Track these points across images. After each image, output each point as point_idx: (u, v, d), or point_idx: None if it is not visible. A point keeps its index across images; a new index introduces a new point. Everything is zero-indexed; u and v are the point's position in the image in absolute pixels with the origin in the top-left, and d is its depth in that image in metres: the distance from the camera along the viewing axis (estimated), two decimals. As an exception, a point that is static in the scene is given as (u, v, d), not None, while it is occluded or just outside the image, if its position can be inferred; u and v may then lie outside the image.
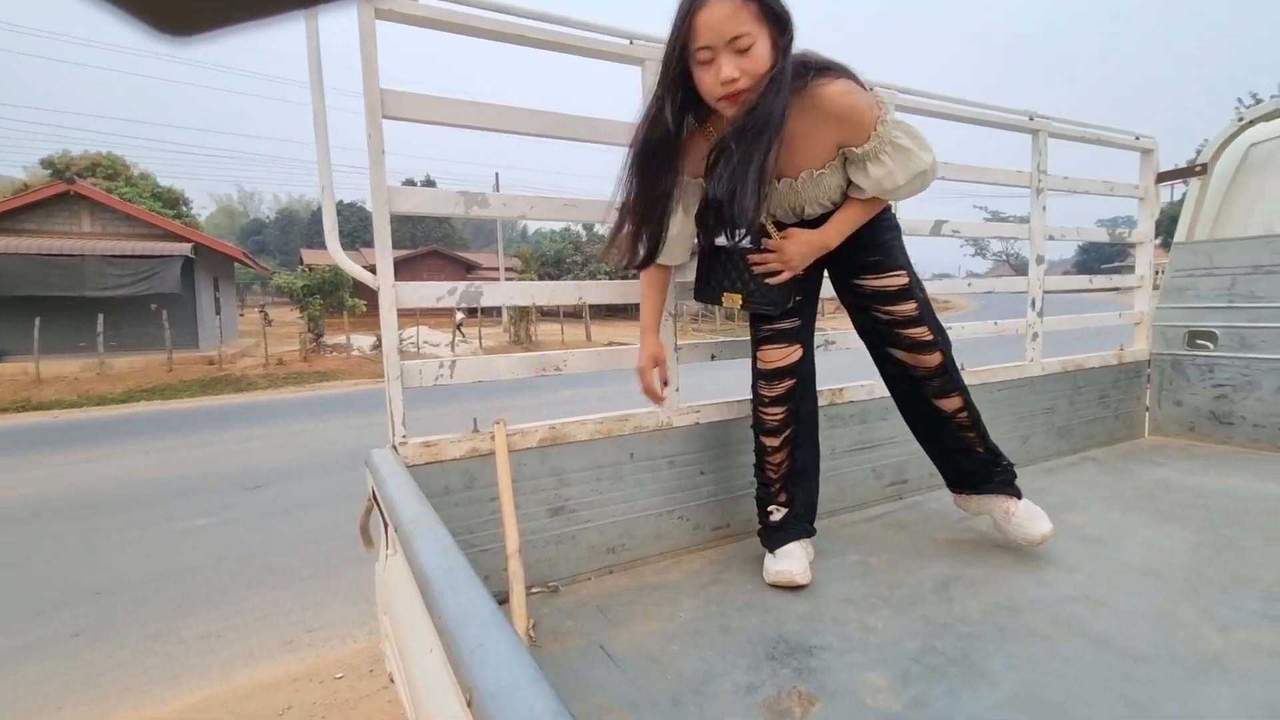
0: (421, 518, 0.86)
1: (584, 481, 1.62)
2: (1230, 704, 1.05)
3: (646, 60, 1.62)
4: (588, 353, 1.64)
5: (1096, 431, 2.76)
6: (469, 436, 1.46)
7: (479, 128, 1.42)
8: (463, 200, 1.41)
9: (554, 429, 1.56)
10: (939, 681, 1.14)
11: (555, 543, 1.58)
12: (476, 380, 1.49)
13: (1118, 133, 2.71)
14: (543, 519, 1.57)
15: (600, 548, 1.64)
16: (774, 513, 1.62)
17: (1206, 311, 2.76)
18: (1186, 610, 1.35)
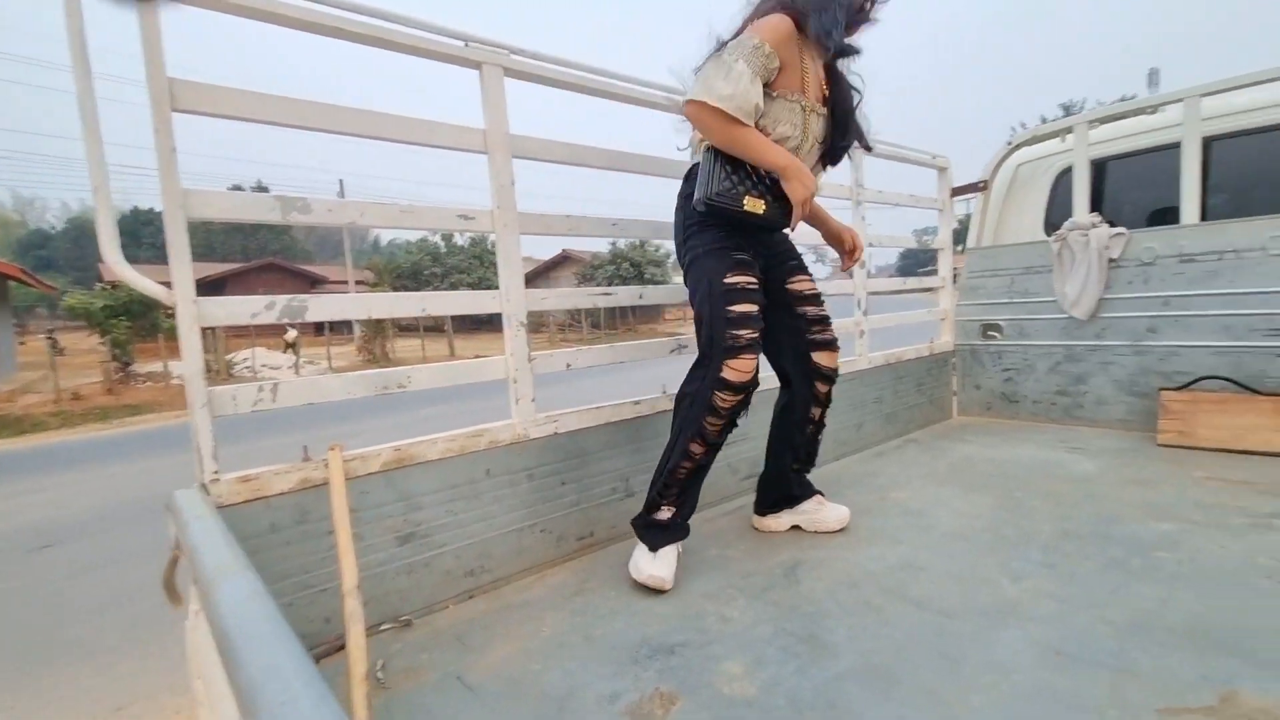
0: (227, 564, 0.75)
1: (437, 504, 1.53)
2: (1022, 645, 1.21)
3: (484, 64, 1.58)
4: (435, 367, 1.56)
5: (916, 416, 3.11)
6: (299, 467, 1.32)
7: (294, 126, 1.29)
8: (278, 205, 1.28)
9: (399, 451, 1.46)
10: (789, 661, 1.21)
11: (407, 572, 1.48)
12: (305, 403, 1.35)
13: (919, 152, 3.09)
14: (391, 548, 1.46)
15: (458, 572, 1.56)
16: (663, 513, 1.62)
17: (994, 307, 3.22)
18: (987, 566, 1.55)
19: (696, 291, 1.63)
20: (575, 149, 1.78)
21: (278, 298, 1.29)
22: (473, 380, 1.62)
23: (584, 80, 1.79)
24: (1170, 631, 1.22)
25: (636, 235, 2.02)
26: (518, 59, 1.63)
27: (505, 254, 1.63)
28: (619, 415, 1.89)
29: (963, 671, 1.14)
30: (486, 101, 1.59)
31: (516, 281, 1.64)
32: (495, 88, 1.59)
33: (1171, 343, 2.69)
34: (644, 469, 1.95)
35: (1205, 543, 1.61)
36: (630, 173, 2.01)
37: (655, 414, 1.99)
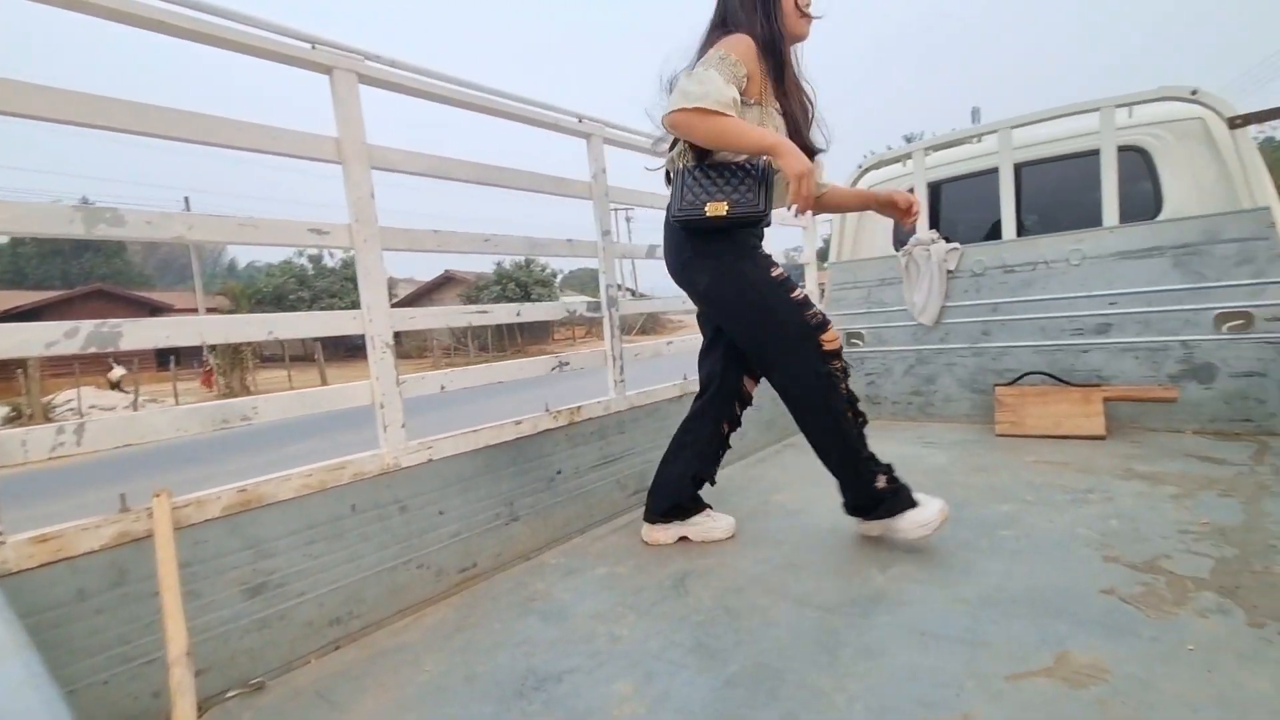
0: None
1: (293, 548, 1.38)
2: (891, 629, 1.29)
3: (335, 69, 1.48)
4: (288, 396, 1.41)
5: (792, 421, 3.26)
6: (114, 519, 1.13)
7: (101, 127, 1.13)
8: (80, 217, 1.10)
9: (245, 492, 1.30)
10: (679, 673, 1.20)
11: (258, 629, 1.31)
12: (123, 445, 1.17)
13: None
14: (238, 603, 1.29)
15: (320, 622, 1.41)
16: (882, 481, 1.69)
17: (855, 316, 3.48)
18: (860, 559, 1.64)
19: (745, 295, 1.67)
20: (441, 161, 1.71)
21: (82, 323, 1.11)
22: (333, 408, 1.49)
23: (445, 90, 1.72)
24: (1014, 602, 1.35)
25: (512, 251, 1.97)
26: (373, 65, 1.54)
27: (366, 270, 1.52)
28: (500, 437, 1.82)
29: (840, 661, 1.18)
30: (339, 108, 1.49)
31: (379, 299, 1.54)
32: (348, 94, 1.49)
33: (1001, 344, 3.03)
34: (529, 490, 1.89)
35: (1037, 519, 1.80)
36: (505, 188, 1.96)
37: (539, 433, 1.93)
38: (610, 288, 2.22)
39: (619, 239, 2.48)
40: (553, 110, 2.07)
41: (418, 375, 1.64)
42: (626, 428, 2.25)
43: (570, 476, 2.03)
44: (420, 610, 1.57)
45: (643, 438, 2.32)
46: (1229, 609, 1.24)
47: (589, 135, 2.16)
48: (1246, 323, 2.50)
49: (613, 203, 2.27)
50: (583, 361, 2.19)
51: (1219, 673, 1.05)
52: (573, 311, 2.15)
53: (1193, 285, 2.59)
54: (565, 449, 2.02)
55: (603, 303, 2.21)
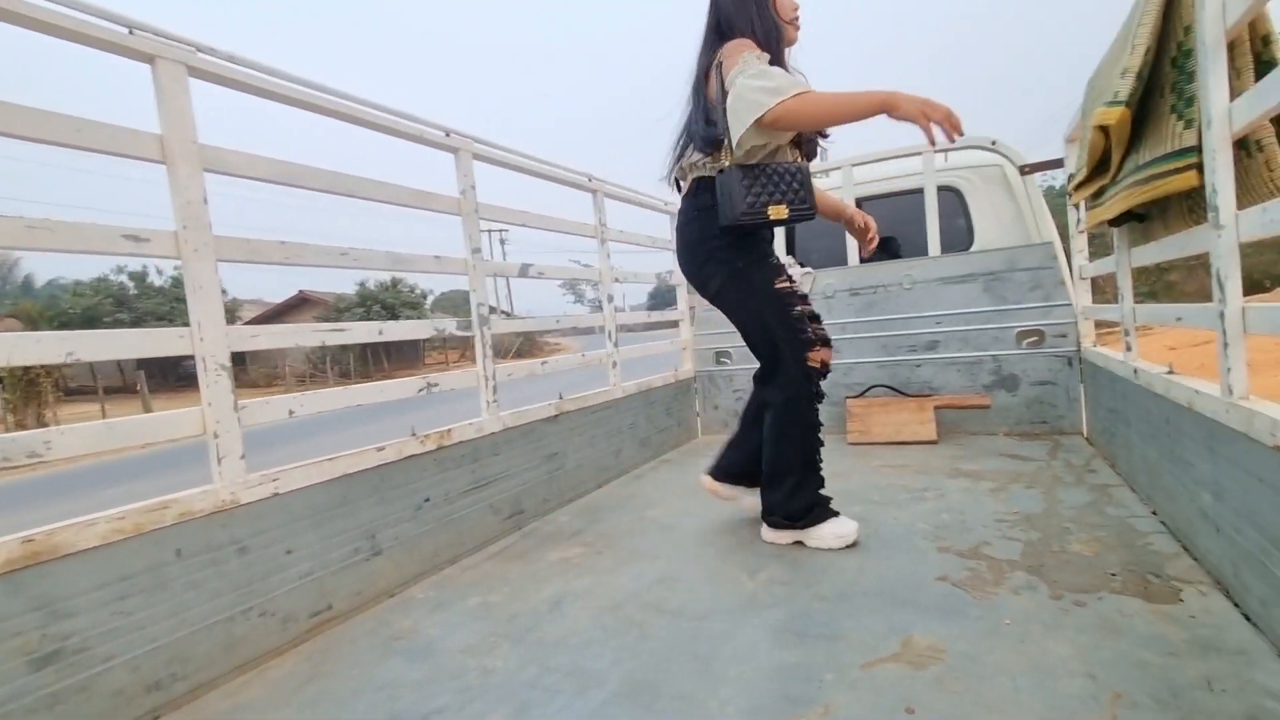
0: None
1: (99, 605, 1.17)
2: (761, 632, 1.34)
3: (158, 58, 1.32)
4: (92, 428, 1.22)
5: (667, 438, 3.35)
6: None
7: None
8: None
9: (33, 543, 1.09)
10: (554, 700, 1.16)
11: (48, 706, 1.10)
12: None
13: (651, 198, 3.40)
14: (21, 677, 1.07)
15: (135, 689, 1.21)
16: (823, 493, 1.84)
17: (723, 336, 3.65)
18: (730, 567, 1.70)
19: (746, 304, 1.80)
20: (288, 167, 1.57)
21: None
22: (153, 440, 1.31)
23: (292, 92, 1.60)
24: (865, 595, 1.46)
25: (374, 266, 1.85)
26: (206, 58, 1.40)
27: (196, 284, 1.35)
28: (360, 464, 1.69)
29: (713, 669, 1.21)
30: (163, 102, 1.33)
31: (213, 315, 1.38)
32: (175, 87, 1.34)
33: (851, 360, 3.32)
34: (393, 521, 1.76)
35: (884, 518, 1.97)
36: (363, 199, 1.85)
37: (404, 459, 1.82)
38: (482, 306, 2.16)
39: (493, 288, 2.43)
40: (418, 122, 2.00)
41: (260, 400, 1.49)
42: (501, 450, 2.19)
43: (439, 504, 1.93)
44: (263, 664, 1.40)
45: (517, 460, 2.26)
46: (1036, 585, 1.43)
47: (456, 150, 2.10)
48: (1040, 339, 2.94)
49: (485, 220, 2.22)
50: (453, 383, 2.10)
51: (1030, 642, 1.21)
52: (441, 330, 2.06)
53: (999, 307, 3.01)
54: (434, 474, 1.92)
55: (474, 322, 2.14)
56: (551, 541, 2.06)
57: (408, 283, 30.04)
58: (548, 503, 2.40)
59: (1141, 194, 1.53)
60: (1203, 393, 1.37)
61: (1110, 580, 1.42)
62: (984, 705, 1.03)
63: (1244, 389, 1.22)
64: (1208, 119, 1.22)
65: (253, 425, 1.45)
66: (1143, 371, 1.84)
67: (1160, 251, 1.75)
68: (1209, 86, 1.21)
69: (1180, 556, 1.50)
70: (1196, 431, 1.42)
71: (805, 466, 1.83)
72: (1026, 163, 3.03)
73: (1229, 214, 1.20)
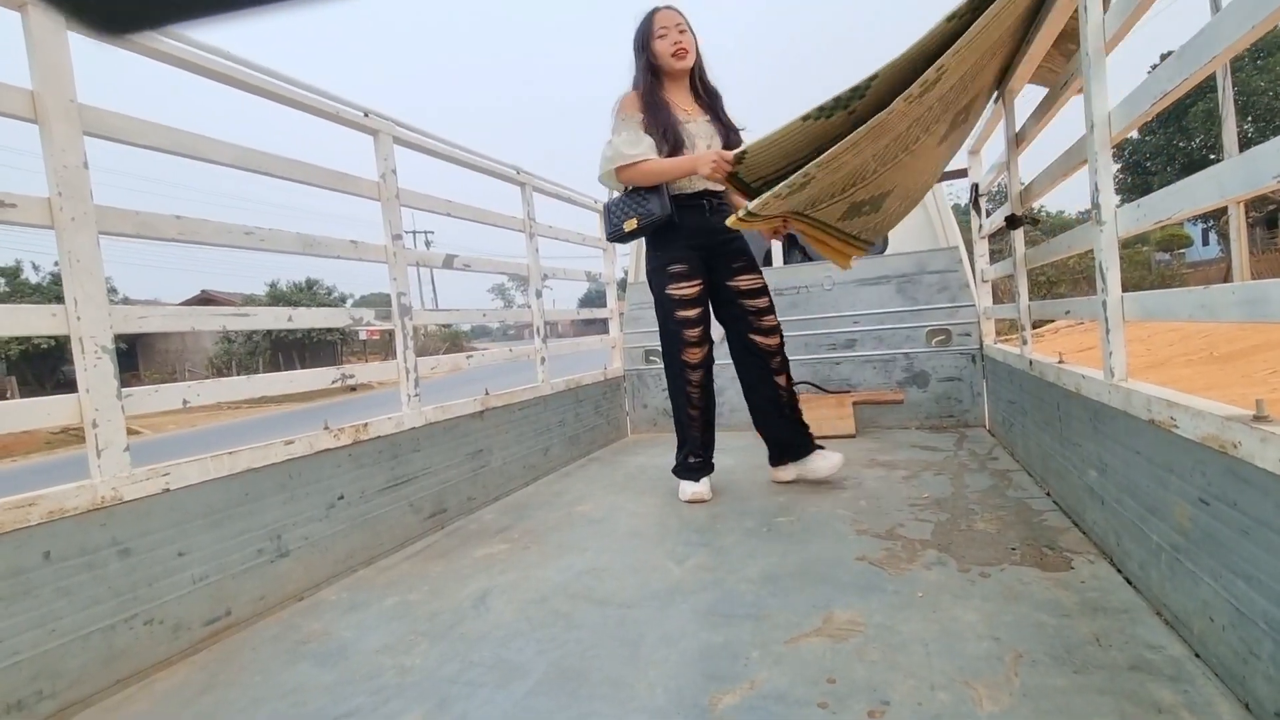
0: None
1: (-55, 615, 1.03)
2: (687, 616, 1.34)
3: (28, 4, 1.19)
4: (-59, 414, 1.07)
5: (597, 436, 3.33)
6: None
7: None
8: None
9: None
10: (477, 693, 1.12)
11: (-123, 733, 0.95)
12: None
13: (581, 195, 3.39)
14: None
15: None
16: (691, 459, 2.26)
17: (653, 334, 3.66)
18: (658, 556, 1.70)
19: (653, 299, 2.26)
20: (185, 136, 1.45)
21: None
22: (20, 428, 1.16)
23: (195, 58, 1.49)
24: (789, 577, 1.49)
25: (282, 248, 1.73)
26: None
27: (72, 257, 1.22)
28: (266, 459, 1.57)
29: (640, 653, 1.20)
30: (35, 54, 1.19)
31: (92, 293, 1.25)
32: (50, 40, 1.21)
33: None
34: (303, 520, 1.65)
35: (806, 505, 2.03)
36: (273, 177, 1.74)
37: (316, 454, 1.71)
38: (403, 296, 2.07)
39: (417, 290, 2.33)
40: (335, 101, 1.90)
41: (148, 388, 1.36)
42: (422, 446, 2.10)
43: (354, 502, 1.82)
44: (150, 676, 1.27)
45: (440, 456, 2.18)
46: (945, 560, 1.51)
47: (376, 132, 2.01)
48: (947, 338, 3.13)
49: (406, 206, 2.13)
50: (371, 374, 2.00)
51: (941, 611, 1.27)
52: (359, 319, 1.96)
53: (910, 308, 3.18)
54: (349, 471, 1.82)
55: (394, 311, 2.05)
56: (476, 539, 1.99)
57: (325, 285, 28.60)
58: (472, 501, 2.32)
59: (813, 232, 1.90)
60: (1088, 377, 1.49)
61: (1011, 554, 1.51)
62: (900, 670, 1.07)
63: (1123, 372, 1.34)
64: (1090, 123, 1.34)
65: (143, 414, 1.32)
66: (1037, 363, 1.98)
67: (1050, 251, 1.89)
68: (1092, 93, 1.33)
69: (1071, 530, 1.62)
70: (1083, 414, 1.54)
71: (679, 430, 2.31)
72: (935, 172, 3.23)
73: (1109, 211, 1.32)
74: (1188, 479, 1.04)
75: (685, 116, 2.15)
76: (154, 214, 1.39)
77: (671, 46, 2.11)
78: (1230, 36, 0.91)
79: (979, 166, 2.96)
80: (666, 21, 2.12)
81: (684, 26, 2.13)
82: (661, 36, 2.11)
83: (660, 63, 2.13)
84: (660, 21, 2.12)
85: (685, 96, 2.21)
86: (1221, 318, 0.98)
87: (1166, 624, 1.13)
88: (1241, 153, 0.99)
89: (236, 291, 28.77)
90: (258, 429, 10.90)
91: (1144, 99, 1.17)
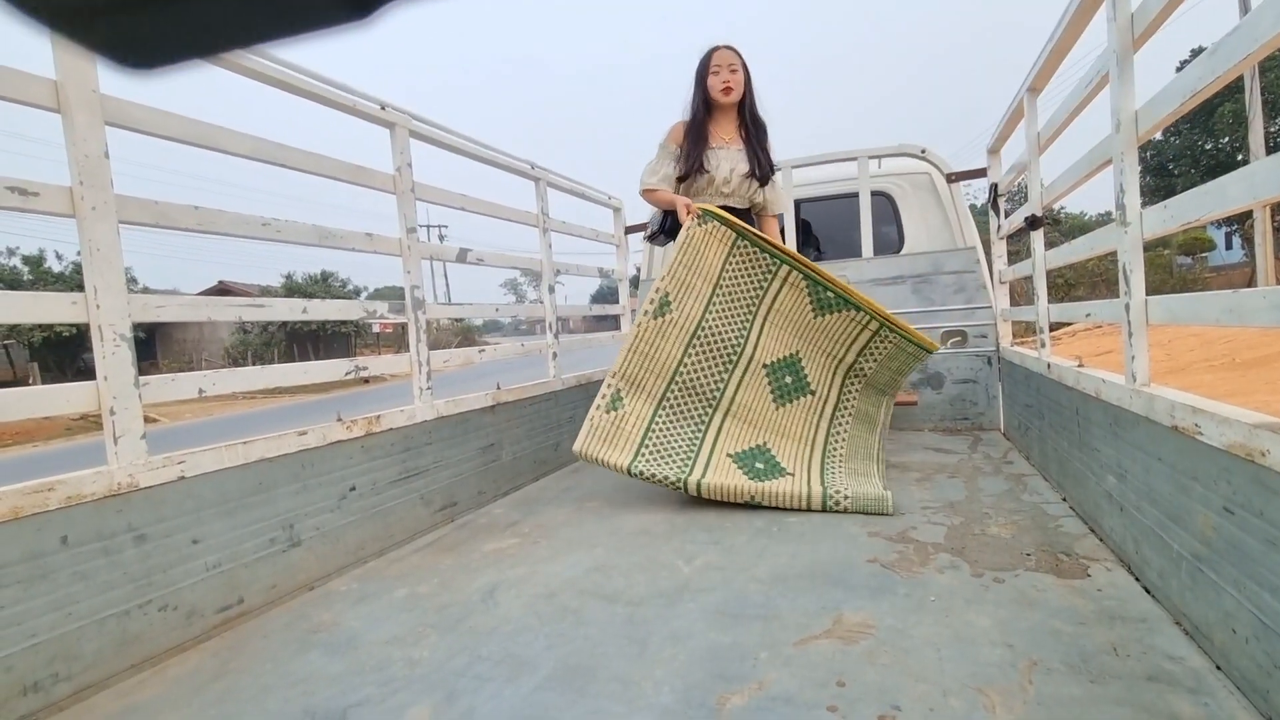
0: None
1: (-35, 597, 1.05)
2: (696, 615, 1.33)
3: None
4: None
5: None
6: None
7: None
8: None
9: (-117, 525, 0.96)
10: (484, 687, 1.12)
11: (-102, 711, 0.97)
12: None
13: (596, 191, 3.38)
14: None
15: (8, 691, 1.08)
16: None
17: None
18: (666, 554, 1.69)
19: None
20: (203, 128, 1.46)
21: None
22: (34, 415, 1.18)
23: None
24: (800, 578, 1.48)
25: (299, 239, 1.73)
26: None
27: (93, 246, 1.24)
28: (279, 449, 1.58)
29: (648, 651, 1.20)
30: (57, 45, 1.21)
31: (112, 281, 1.26)
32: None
33: None
34: (315, 510, 1.67)
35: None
36: (290, 169, 1.75)
37: (328, 445, 1.72)
38: (416, 289, 2.08)
39: (431, 285, 2.34)
40: (353, 93, 1.91)
41: (165, 376, 1.37)
42: (434, 439, 2.11)
43: (366, 494, 1.83)
44: (163, 661, 1.29)
45: (452, 450, 2.19)
46: (959, 564, 1.49)
47: (393, 125, 2.02)
48: (963, 339, 3.09)
49: (422, 200, 2.14)
50: (384, 366, 2.01)
51: (953, 615, 1.25)
52: (372, 312, 1.96)
53: (925, 308, 3.14)
54: (361, 463, 1.83)
55: (408, 305, 2.05)
56: (486, 533, 2.00)
57: (339, 277, 28.81)
58: (483, 495, 2.33)
59: None
60: (1109, 381, 1.46)
61: (1025, 559, 1.49)
62: (911, 675, 1.06)
63: (1146, 376, 1.31)
64: (1117, 122, 1.31)
65: (160, 403, 1.34)
66: (1055, 366, 1.95)
67: (1072, 252, 1.86)
68: (1118, 93, 1.30)
69: (1088, 537, 1.60)
70: (1103, 418, 1.52)
71: None
72: (953, 171, 3.19)
73: (1134, 212, 1.29)
74: (1212, 487, 1.02)
75: (720, 144, 2.47)
76: (172, 204, 1.40)
77: (720, 84, 2.41)
78: (1267, 34, 0.88)
79: (998, 166, 2.92)
80: (720, 61, 2.40)
81: (735, 66, 2.40)
82: (715, 74, 2.41)
83: (710, 96, 2.45)
84: (715, 60, 2.41)
85: (729, 126, 2.52)
86: (1251, 323, 0.95)
87: (1186, 634, 1.11)
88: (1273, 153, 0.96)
89: (253, 283, 29.09)
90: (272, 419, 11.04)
91: (1173, 97, 1.14)
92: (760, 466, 2.11)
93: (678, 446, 2.12)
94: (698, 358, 2.18)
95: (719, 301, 2.21)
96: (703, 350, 2.19)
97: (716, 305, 2.21)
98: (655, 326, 2.16)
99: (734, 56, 2.41)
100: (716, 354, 2.20)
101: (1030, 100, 2.11)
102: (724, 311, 2.21)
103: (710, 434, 2.16)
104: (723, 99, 2.42)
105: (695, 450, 2.12)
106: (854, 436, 2.27)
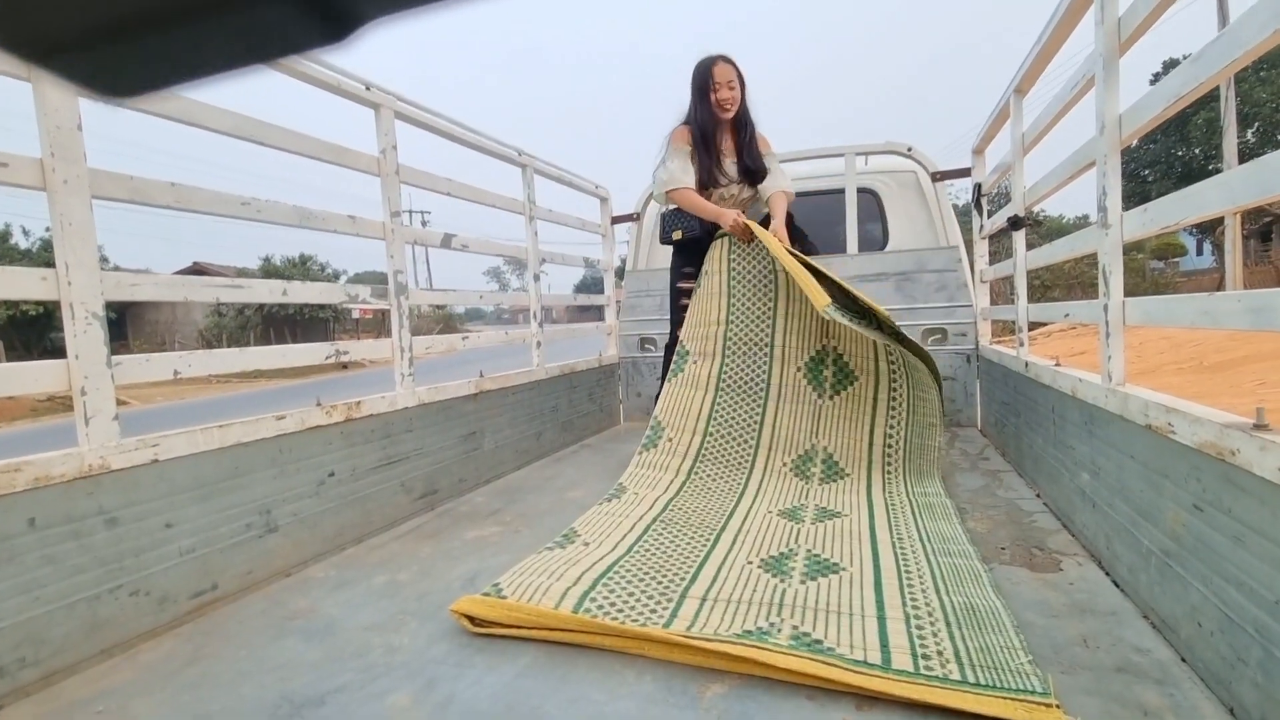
0: None
1: (-73, 580, 1.01)
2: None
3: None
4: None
5: (590, 423, 3.33)
6: None
7: None
8: None
9: None
10: (465, 674, 1.11)
11: None
12: None
13: (583, 180, 3.35)
14: None
15: (-29, 676, 1.06)
16: None
17: (649, 323, 3.66)
18: (650, 543, 1.70)
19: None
20: (178, 102, 1.42)
21: None
22: (4, 393, 1.14)
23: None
24: (780, 569, 1.49)
25: (279, 220, 1.70)
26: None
27: (65, 220, 1.20)
28: (256, 433, 1.55)
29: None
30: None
31: (85, 258, 1.22)
32: None
33: None
34: (292, 496, 1.64)
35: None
36: (270, 147, 1.70)
37: (307, 430, 1.69)
38: (400, 274, 2.05)
39: (412, 271, 2.31)
40: (337, 73, 1.86)
41: (139, 356, 1.34)
42: (415, 426, 2.09)
43: (345, 480, 1.81)
44: (135, 647, 1.26)
45: (433, 437, 2.17)
46: (935, 557, 1.51)
47: (378, 106, 1.98)
48: (943, 337, 3.13)
49: (406, 184, 2.10)
50: (365, 351, 1.98)
51: (929, 607, 1.27)
52: (354, 296, 1.93)
53: (908, 305, 3.18)
54: (340, 449, 1.80)
55: (390, 290, 2.02)
56: (467, 521, 1.99)
57: (319, 260, 28.34)
58: (464, 483, 2.32)
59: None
60: (1085, 380, 1.49)
61: (1001, 553, 1.52)
62: (888, 665, 1.07)
63: (1121, 376, 1.34)
64: (1101, 125, 1.33)
65: (134, 384, 1.30)
66: (1033, 364, 1.99)
67: (1053, 253, 1.89)
68: (1103, 96, 1.32)
69: (1060, 532, 1.63)
70: (1078, 416, 1.55)
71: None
72: (938, 170, 3.22)
73: (1115, 214, 1.31)
74: (1182, 485, 1.04)
75: (721, 155, 2.56)
76: (148, 180, 1.36)
77: (722, 101, 2.49)
78: (1249, 42, 0.90)
79: (982, 166, 2.95)
80: (721, 77, 2.45)
81: (734, 83, 2.47)
82: (715, 90, 2.47)
83: (711, 110, 2.51)
84: (717, 76, 2.46)
85: (727, 137, 2.59)
86: (1225, 325, 0.97)
87: (1154, 628, 1.14)
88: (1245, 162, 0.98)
89: (229, 265, 28.49)
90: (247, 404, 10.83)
91: (1157, 102, 1.16)
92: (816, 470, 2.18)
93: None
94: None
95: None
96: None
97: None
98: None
99: (732, 72, 2.46)
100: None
101: (1016, 102, 2.13)
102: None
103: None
104: (722, 115, 2.49)
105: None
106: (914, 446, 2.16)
